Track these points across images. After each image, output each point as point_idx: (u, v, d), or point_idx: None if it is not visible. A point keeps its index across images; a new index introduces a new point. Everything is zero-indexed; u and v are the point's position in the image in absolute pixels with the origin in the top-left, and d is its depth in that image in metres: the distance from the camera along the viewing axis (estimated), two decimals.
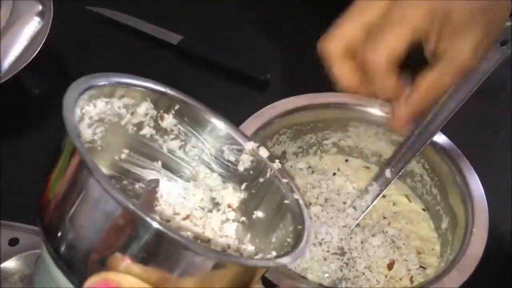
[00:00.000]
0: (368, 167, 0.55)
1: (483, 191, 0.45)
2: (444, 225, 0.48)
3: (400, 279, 0.45)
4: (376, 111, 0.51)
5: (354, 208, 0.48)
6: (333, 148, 0.55)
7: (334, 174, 0.54)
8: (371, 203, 0.48)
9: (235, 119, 0.48)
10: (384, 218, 0.50)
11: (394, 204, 0.52)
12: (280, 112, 0.51)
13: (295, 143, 0.54)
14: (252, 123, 0.49)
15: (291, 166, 0.55)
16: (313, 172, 0.55)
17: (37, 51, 0.68)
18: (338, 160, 0.56)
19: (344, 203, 0.50)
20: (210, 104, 0.59)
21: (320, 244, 0.46)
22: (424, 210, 0.51)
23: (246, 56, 0.76)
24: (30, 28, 0.71)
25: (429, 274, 0.46)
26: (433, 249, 0.48)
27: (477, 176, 0.46)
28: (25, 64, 0.66)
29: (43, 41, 0.69)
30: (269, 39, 0.82)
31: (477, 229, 0.43)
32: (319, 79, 0.51)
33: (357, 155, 0.55)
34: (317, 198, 0.50)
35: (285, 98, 0.51)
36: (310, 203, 0.49)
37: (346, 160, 0.55)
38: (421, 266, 0.46)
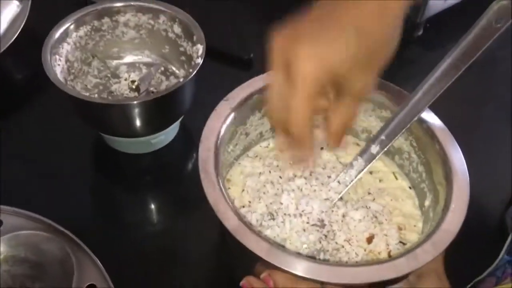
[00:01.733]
0: (357, 144, 0.54)
1: (465, 168, 0.45)
2: (427, 202, 0.48)
3: (379, 253, 0.45)
4: None
5: (338, 182, 0.48)
6: (323, 123, 0.55)
7: (322, 148, 0.53)
8: (355, 178, 0.48)
9: (219, 98, 0.48)
10: (369, 194, 0.50)
11: (380, 180, 0.51)
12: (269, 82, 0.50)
13: None
14: (240, 92, 0.49)
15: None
16: None
17: (17, 35, 0.67)
18: None
19: (329, 177, 0.49)
20: (195, 84, 0.60)
21: (301, 215, 0.46)
22: (410, 188, 0.51)
23: (230, 36, 0.76)
24: (9, 11, 0.70)
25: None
26: (415, 225, 0.48)
27: (461, 153, 0.46)
28: (4, 48, 0.66)
29: (22, 25, 0.68)
30: (252, 18, 0.81)
31: (456, 205, 0.42)
32: None
33: (347, 132, 0.55)
34: (302, 171, 0.50)
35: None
36: (295, 176, 0.49)
37: None
38: (401, 242, 0.46)
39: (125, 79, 0.65)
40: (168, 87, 0.61)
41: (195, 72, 0.56)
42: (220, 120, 0.47)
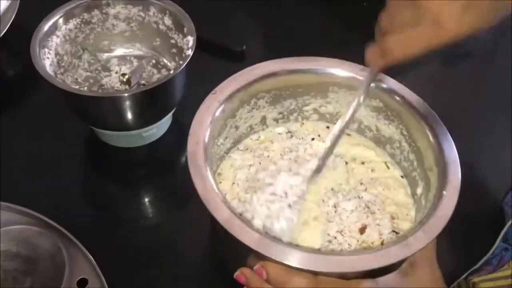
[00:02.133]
0: (348, 134, 0.54)
1: (456, 154, 0.45)
2: (419, 190, 0.47)
3: (372, 243, 0.45)
4: (355, 77, 0.50)
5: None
6: (314, 115, 0.55)
7: (313, 139, 0.53)
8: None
9: (211, 89, 0.48)
10: (361, 184, 0.50)
11: (372, 170, 0.51)
12: (257, 75, 0.49)
13: (274, 108, 0.53)
14: (229, 85, 0.49)
15: (271, 131, 0.54)
16: (291, 136, 0.54)
17: (6, 29, 0.66)
18: (319, 126, 0.55)
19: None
20: (187, 77, 0.60)
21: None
22: (402, 177, 0.51)
23: (222, 28, 0.76)
24: None
25: None
26: (407, 214, 0.48)
27: (451, 140, 0.46)
28: None
29: (12, 19, 0.67)
30: (245, 11, 0.81)
31: (447, 192, 0.42)
32: (295, 50, 0.51)
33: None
34: (290, 159, 0.50)
35: (263, 62, 0.50)
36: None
37: (327, 127, 0.55)
38: (393, 231, 0.45)
39: (116, 72, 0.64)
40: (159, 79, 0.61)
41: (185, 63, 0.56)
42: (209, 113, 0.46)
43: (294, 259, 0.38)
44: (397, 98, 0.49)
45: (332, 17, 0.79)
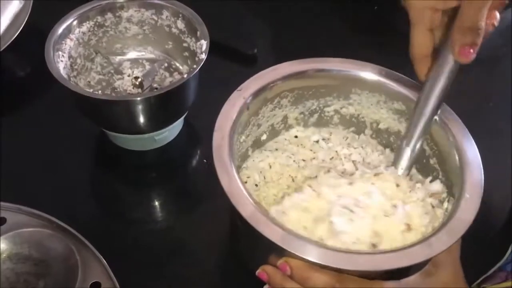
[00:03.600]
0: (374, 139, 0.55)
1: (478, 156, 0.45)
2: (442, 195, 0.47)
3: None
4: (378, 79, 0.50)
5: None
6: (335, 116, 0.55)
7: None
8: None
9: (223, 94, 0.48)
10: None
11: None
12: (281, 75, 0.50)
13: (296, 108, 0.54)
14: (252, 84, 0.49)
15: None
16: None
17: (19, 31, 0.67)
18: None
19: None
20: (198, 80, 0.60)
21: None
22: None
23: (233, 31, 0.76)
24: (12, 7, 0.70)
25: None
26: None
27: (473, 142, 0.46)
28: (7, 44, 0.65)
29: (25, 21, 0.68)
30: (256, 14, 0.81)
31: (470, 195, 0.42)
32: (307, 53, 0.51)
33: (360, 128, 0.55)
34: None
35: (287, 61, 0.51)
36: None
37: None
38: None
39: (128, 75, 0.64)
40: (171, 83, 0.61)
41: (199, 68, 0.56)
42: (234, 110, 0.47)
43: (317, 255, 0.38)
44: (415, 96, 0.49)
45: (344, 21, 0.79)
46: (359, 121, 0.55)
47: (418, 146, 0.48)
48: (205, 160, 0.64)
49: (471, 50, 0.41)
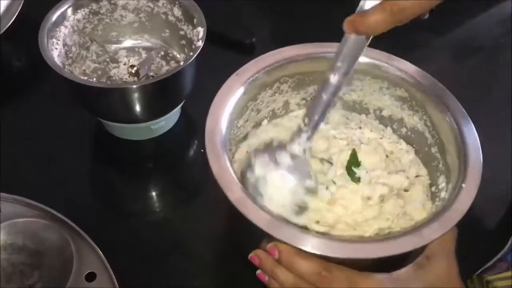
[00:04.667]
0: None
1: (479, 148, 0.44)
2: (441, 183, 0.47)
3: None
4: (381, 65, 0.50)
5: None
6: (338, 102, 0.54)
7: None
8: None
9: (221, 83, 0.47)
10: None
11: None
12: (281, 59, 0.49)
13: (298, 94, 0.53)
14: (251, 67, 0.48)
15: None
16: None
17: (13, 20, 0.66)
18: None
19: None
20: (196, 69, 0.59)
21: None
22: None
23: (231, 20, 0.74)
24: None
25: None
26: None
27: (475, 133, 0.45)
28: (0, 33, 0.64)
29: (19, 9, 0.66)
30: (254, 2, 0.80)
31: (467, 185, 0.41)
32: (305, 42, 0.51)
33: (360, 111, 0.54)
34: None
35: (289, 46, 0.50)
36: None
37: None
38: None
39: (124, 64, 0.63)
40: (168, 71, 0.60)
41: (195, 55, 0.55)
42: (230, 94, 0.46)
43: (303, 242, 0.38)
44: (421, 87, 0.48)
45: (343, 10, 0.78)
46: (362, 107, 0.54)
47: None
48: (202, 150, 0.62)
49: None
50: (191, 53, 0.56)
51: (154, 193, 0.61)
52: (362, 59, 0.49)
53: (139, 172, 0.62)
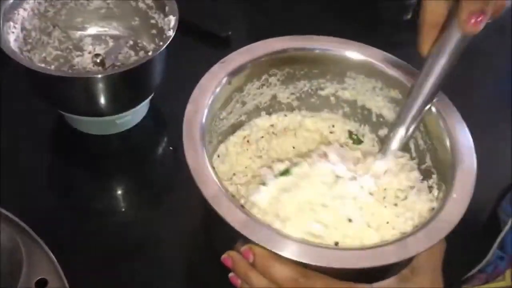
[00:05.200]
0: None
1: (474, 158, 0.42)
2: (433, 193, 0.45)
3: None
4: (375, 62, 0.47)
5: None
6: (332, 98, 0.51)
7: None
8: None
9: (193, 78, 0.44)
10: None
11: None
12: (270, 50, 0.47)
13: (287, 88, 0.50)
14: (239, 57, 0.46)
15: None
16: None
17: None
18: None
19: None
20: (167, 61, 0.56)
21: None
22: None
23: (207, 12, 0.72)
24: None
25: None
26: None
27: (472, 143, 0.43)
28: None
29: None
30: None
31: (458, 195, 0.39)
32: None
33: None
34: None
35: (279, 37, 0.48)
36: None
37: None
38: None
39: (89, 52, 0.60)
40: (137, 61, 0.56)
41: (166, 45, 0.52)
42: (213, 83, 0.44)
43: (280, 246, 0.35)
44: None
45: (322, 3, 0.76)
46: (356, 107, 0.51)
47: (411, 129, 0.45)
48: (171, 148, 0.60)
49: (479, 19, 0.38)
50: (162, 43, 0.52)
51: (117, 192, 0.57)
52: (355, 55, 0.48)
53: (102, 169, 0.58)
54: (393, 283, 0.38)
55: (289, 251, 0.35)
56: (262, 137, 0.50)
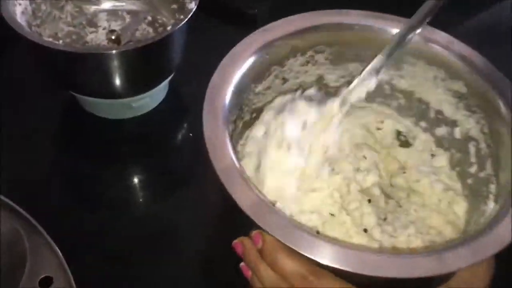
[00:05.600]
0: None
1: None
2: (488, 206, 0.39)
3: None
4: (440, 49, 0.42)
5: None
6: (385, 86, 0.46)
7: None
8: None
9: (215, 58, 0.41)
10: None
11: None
12: (319, 22, 0.42)
13: (335, 69, 0.46)
14: (282, 26, 0.42)
15: None
16: None
17: None
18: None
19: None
20: (188, 39, 0.52)
21: None
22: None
23: None
24: None
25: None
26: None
27: None
28: None
29: None
30: None
31: None
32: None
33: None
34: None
35: (331, 9, 0.43)
36: None
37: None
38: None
39: (104, 29, 0.56)
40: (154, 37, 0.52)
41: (187, 18, 0.48)
42: (249, 51, 0.40)
43: (290, 237, 0.31)
44: (484, 79, 0.40)
45: None
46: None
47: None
48: (191, 134, 0.56)
49: None
50: (182, 17, 0.47)
51: (131, 182, 0.53)
52: (417, 38, 0.42)
53: (115, 157, 0.54)
54: None
55: (300, 245, 0.31)
56: None
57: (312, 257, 0.31)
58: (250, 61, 0.40)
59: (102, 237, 0.46)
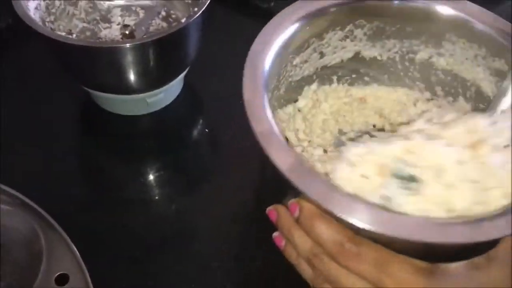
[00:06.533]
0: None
1: None
2: None
3: None
4: (480, 25, 0.41)
5: None
6: (421, 65, 0.46)
7: None
8: None
9: (231, 52, 0.43)
10: None
11: None
12: None
13: (373, 46, 0.45)
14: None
15: None
16: None
17: None
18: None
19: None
20: (203, 32, 0.51)
21: None
22: None
23: None
24: None
25: None
26: None
27: None
28: None
29: None
30: None
31: None
32: None
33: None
34: None
35: None
36: None
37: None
38: None
39: (118, 24, 0.55)
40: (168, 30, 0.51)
41: (201, 11, 0.47)
42: (290, 19, 0.40)
43: (329, 200, 0.31)
44: None
45: None
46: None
47: None
48: (207, 130, 0.54)
49: None
50: (197, 9, 0.46)
51: (147, 179, 0.52)
52: (460, 15, 0.42)
53: (131, 154, 0.53)
54: (462, 268, 0.31)
55: (338, 207, 0.31)
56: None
57: (350, 221, 0.30)
58: (290, 30, 0.40)
59: (119, 235, 0.46)
